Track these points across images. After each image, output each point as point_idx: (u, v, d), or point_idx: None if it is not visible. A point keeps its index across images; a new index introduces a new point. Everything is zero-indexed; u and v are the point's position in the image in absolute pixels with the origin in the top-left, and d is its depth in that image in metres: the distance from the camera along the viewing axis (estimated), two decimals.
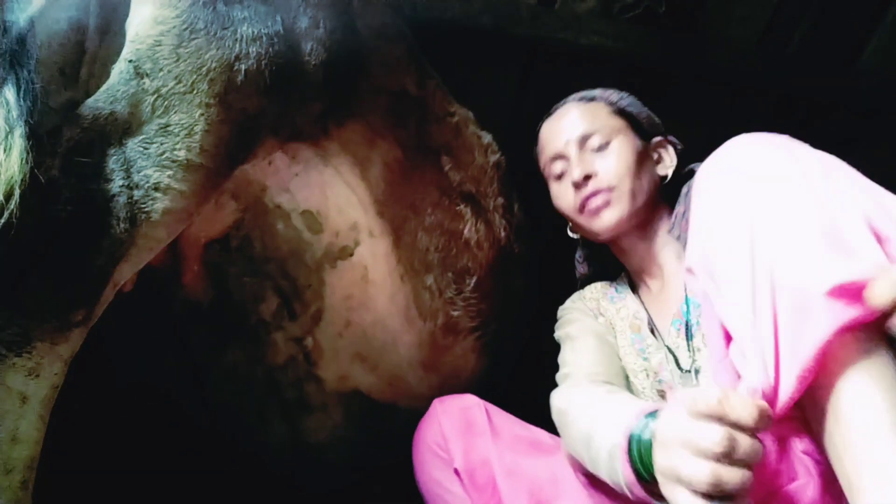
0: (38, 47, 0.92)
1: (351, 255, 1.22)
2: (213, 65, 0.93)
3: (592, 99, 1.29)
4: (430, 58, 1.36)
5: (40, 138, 0.80)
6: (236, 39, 0.95)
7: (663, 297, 1.20)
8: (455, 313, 1.32)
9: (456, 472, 1.11)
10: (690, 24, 1.75)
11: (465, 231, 1.32)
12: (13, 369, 0.80)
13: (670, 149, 1.28)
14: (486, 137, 1.42)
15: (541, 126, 1.35)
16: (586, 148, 1.23)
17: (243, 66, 0.95)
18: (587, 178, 1.20)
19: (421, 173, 1.27)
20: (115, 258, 0.86)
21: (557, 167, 1.27)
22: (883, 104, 1.82)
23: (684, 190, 1.18)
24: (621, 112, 1.26)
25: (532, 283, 1.53)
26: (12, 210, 0.75)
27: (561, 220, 1.32)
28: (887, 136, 1.88)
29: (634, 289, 1.28)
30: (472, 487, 1.09)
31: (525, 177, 1.42)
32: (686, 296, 1.13)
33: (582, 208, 1.22)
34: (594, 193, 1.19)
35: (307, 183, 1.16)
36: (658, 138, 1.28)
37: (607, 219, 1.19)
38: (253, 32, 0.96)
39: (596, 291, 1.32)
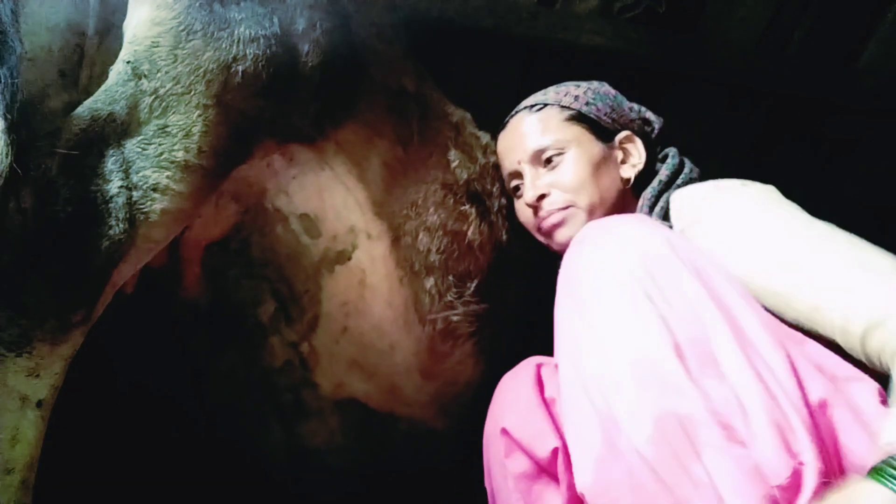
0: (42, 50, 0.93)
1: (349, 258, 1.21)
2: (211, 66, 0.93)
3: (544, 106, 1.24)
4: (430, 58, 1.36)
5: (21, 133, 0.80)
6: (233, 41, 0.95)
7: None
8: (455, 318, 1.30)
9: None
10: (690, 24, 1.75)
11: (470, 232, 1.30)
12: (13, 369, 0.81)
13: (638, 143, 1.22)
14: (485, 138, 1.42)
15: (497, 139, 1.33)
16: (539, 164, 1.21)
17: (240, 68, 0.95)
18: (541, 198, 1.18)
19: (425, 171, 1.27)
20: (115, 259, 0.87)
21: (514, 184, 1.26)
22: (883, 104, 1.82)
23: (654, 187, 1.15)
24: (576, 117, 1.22)
25: (531, 286, 1.53)
26: None
27: None
28: (887, 137, 1.88)
29: None
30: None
31: None
32: None
33: (539, 228, 1.21)
34: (549, 214, 1.17)
35: (305, 186, 1.16)
36: (623, 134, 1.22)
37: (561, 237, 1.17)
38: (250, 34, 0.97)
39: None
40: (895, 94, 1.80)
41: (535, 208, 1.20)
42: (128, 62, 0.90)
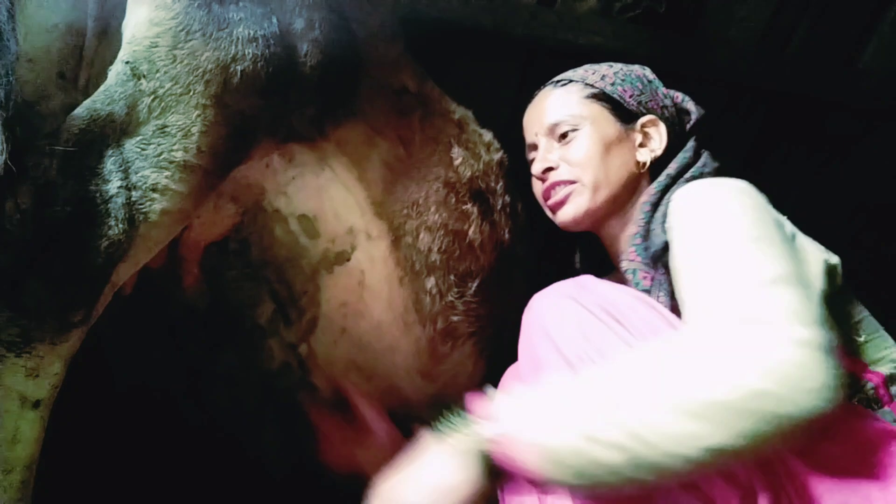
0: (41, 51, 0.93)
1: (348, 259, 1.21)
2: (210, 66, 0.93)
3: (569, 82, 1.24)
4: (430, 57, 1.36)
5: (16, 131, 0.80)
6: (232, 41, 0.95)
7: None
8: (455, 318, 1.29)
9: None
10: (690, 24, 1.75)
11: (471, 232, 1.30)
12: (13, 369, 0.81)
13: (661, 128, 1.19)
14: (487, 135, 1.42)
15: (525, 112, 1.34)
16: (553, 138, 1.21)
17: (239, 68, 0.95)
18: (547, 170, 1.19)
19: (427, 170, 1.27)
20: (114, 259, 0.87)
21: (531, 156, 1.27)
22: (883, 104, 1.82)
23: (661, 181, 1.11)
24: (598, 95, 1.21)
25: (532, 285, 1.52)
26: None
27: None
28: (887, 137, 1.88)
29: None
30: None
31: (524, 176, 1.42)
32: None
33: (545, 201, 1.22)
34: (553, 187, 1.18)
35: (304, 186, 1.16)
36: (647, 117, 1.20)
37: (563, 215, 1.18)
38: (249, 34, 0.97)
39: None
40: (895, 94, 1.79)
41: (542, 181, 1.21)
42: (126, 62, 0.90)
